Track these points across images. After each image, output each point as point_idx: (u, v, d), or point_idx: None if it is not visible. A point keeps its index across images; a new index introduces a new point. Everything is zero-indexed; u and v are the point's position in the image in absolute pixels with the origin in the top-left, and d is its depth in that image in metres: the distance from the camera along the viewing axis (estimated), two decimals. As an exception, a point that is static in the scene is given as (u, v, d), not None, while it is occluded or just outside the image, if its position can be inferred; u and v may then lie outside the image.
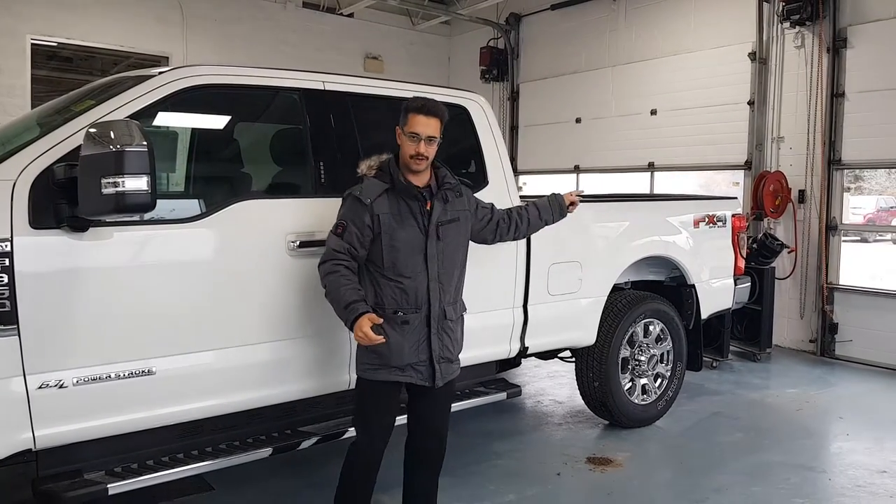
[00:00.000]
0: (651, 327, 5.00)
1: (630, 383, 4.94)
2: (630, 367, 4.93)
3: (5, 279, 2.55)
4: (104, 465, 2.97)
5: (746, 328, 7.00)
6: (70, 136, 2.76)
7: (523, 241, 4.10)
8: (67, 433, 2.76)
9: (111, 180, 2.43)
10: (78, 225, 2.67)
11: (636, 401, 4.96)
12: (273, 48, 9.85)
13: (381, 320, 2.86)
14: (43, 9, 8.61)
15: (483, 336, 3.99)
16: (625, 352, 4.87)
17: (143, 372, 2.87)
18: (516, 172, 11.36)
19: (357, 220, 2.92)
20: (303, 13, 10.26)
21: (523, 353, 4.30)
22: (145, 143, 2.47)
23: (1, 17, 8.44)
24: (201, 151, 3.95)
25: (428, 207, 2.99)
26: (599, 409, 4.94)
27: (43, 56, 10.76)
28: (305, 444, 3.42)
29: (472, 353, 3.97)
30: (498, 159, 4.12)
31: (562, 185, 9.89)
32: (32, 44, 8.71)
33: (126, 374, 2.83)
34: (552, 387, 6.00)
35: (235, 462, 3.22)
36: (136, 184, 2.45)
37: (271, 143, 3.85)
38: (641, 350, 4.96)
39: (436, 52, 11.56)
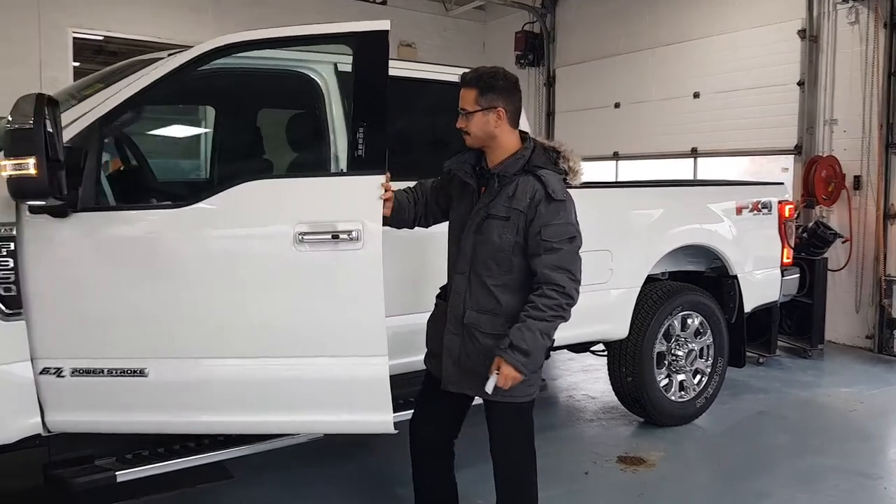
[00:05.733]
0: (689, 320, 4.70)
1: (666, 379, 4.66)
2: (666, 362, 4.65)
3: (11, 263, 2.52)
4: (116, 452, 2.90)
5: (797, 322, 6.59)
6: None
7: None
8: (67, 422, 2.71)
9: (3, 163, 2.31)
10: (56, 211, 2.55)
11: (673, 398, 4.67)
12: (305, 36, 9.77)
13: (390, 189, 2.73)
14: (83, 2, 8.67)
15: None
16: (660, 346, 4.59)
17: (134, 372, 2.70)
18: (553, 161, 11.09)
19: (441, 179, 2.86)
20: (335, 0, 10.14)
21: (551, 345, 4.06)
22: (34, 120, 2.25)
23: (44, 10, 8.55)
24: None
25: (482, 194, 2.65)
26: (633, 405, 4.67)
27: (90, 51, 10.91)
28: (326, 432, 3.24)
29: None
30: (521, 141, 3.88)
31: (601, 172, 9.58)
32: (75, 37, 8.81)
33: (117, 372, 2.68)
34: (586, 381, 5.74)
35: (253, 451, 3.09)
36: (21, 166, 2.27)
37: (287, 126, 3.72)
38: (679, 344, 4.67)
39: (470, 38, 11.32)
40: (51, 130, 2.30)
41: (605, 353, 4.70)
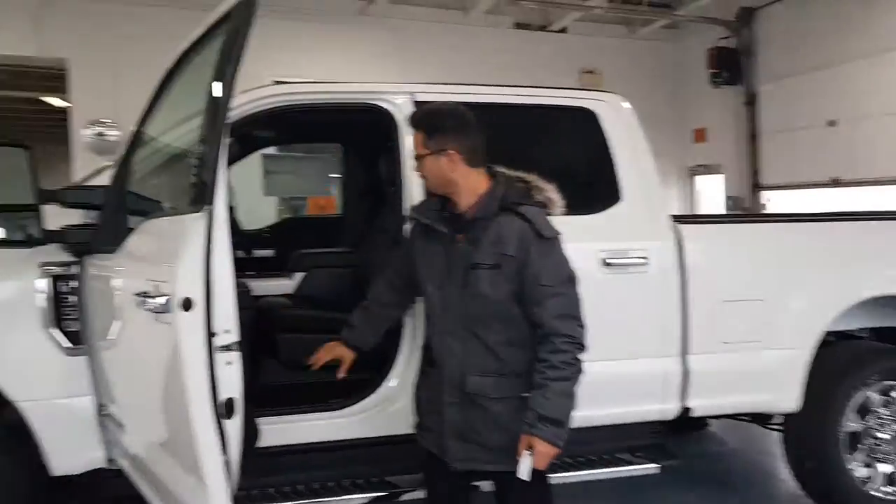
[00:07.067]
0: (893, 393, 3.62)
1: (866, 468, 3.60)
2: (865, 446, 3.60)
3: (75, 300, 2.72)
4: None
5: None
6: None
7: (675, 268, 3.19)
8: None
9: None
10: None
11: (877, 493, 3.58)
12: (485, 73, 9.62)
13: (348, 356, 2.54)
14: (284, 53, 9.30)
15: (617, 390, 3.13)
16: (853, 425, 3.57)
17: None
18: (759, 188, 9.76)
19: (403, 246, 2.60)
20: (514, 34, 10.03)
21: (685, 414, 3.33)
22: None
23: (250, 63, 9.39)
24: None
25: (459, 241, 2.29)
26: (819, 498, 3.67)
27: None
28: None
29: (601, 411, 3.13)
30: (637, 170, 3.27)
31: (817, 201, 8.22)
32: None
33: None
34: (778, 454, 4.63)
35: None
36: None
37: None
38: (880, 424, 3.61)
39: (658, 60, 10.52)
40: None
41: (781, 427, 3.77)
